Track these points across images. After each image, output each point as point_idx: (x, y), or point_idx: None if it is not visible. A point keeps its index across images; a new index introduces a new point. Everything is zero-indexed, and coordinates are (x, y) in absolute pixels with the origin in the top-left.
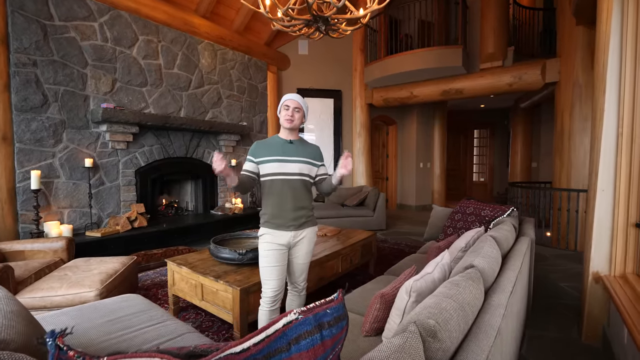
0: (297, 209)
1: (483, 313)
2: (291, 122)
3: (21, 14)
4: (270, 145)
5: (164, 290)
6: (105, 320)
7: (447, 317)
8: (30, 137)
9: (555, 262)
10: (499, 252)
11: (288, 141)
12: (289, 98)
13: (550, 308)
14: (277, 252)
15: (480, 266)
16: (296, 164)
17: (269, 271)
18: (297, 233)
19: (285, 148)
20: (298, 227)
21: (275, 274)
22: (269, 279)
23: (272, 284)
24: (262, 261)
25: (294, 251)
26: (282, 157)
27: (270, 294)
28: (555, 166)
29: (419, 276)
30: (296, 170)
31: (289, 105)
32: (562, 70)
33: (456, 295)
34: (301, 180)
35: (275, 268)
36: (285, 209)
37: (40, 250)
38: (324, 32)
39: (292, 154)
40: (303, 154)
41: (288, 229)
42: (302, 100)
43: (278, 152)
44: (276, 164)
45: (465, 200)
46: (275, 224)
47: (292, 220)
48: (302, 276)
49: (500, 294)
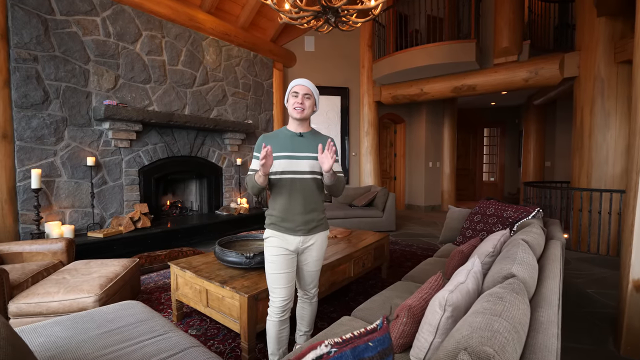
0: (308, 212)
1: (534, 332)
2: (302, 111)
3: (21, 8)
4: (278, 139)
5: (167, 294)
6: (102, 332)
7: (503, 343)
8: (31, 134)
9: (578, 267)
10: (535, 258)
11: (298, 134)
12: (298, 83)
13: (580, 317)
14: (285, 257)
15: (521, 276)
16: (307, 161)
17: (277, 279)
18: (306, 238)
19: (295, 142)
20: (308, 232)
21: (284, 282)
22: (278, 287)
23: (281, 292)
24: (269, 267)
25: (303, 258)
26: (291, 153)
27: (279, 304)
28: (574, 165)
29: (452, 287)
30: (307, 168)
31: (298, 92)
32: (582, 64)
33: (505, 312)
34: (313, 180)
35: (284, 275)
36: (295, 212)
37: (39, 252)
38: (333, 24)
39: (303, 148)
40: (315, 149)
41: (296, 233)
42: (312, 86)
43: (287, 147)
44: (285, 161)
45: (484, 201)
46: (283, 227)
47: (302, 225)
48: (312, 283)
49: (548, 309)
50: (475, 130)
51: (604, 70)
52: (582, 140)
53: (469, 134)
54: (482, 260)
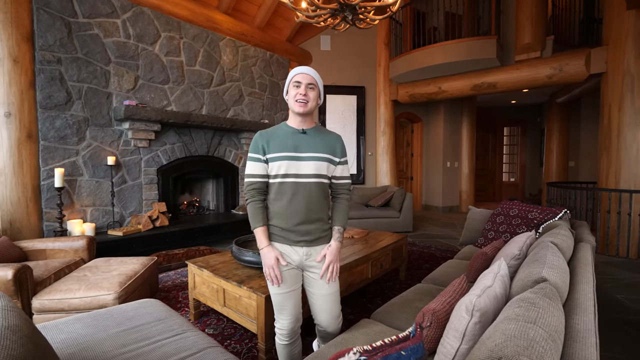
0: (311, 221)
1: (571, 341)
2: (304, 104)
3: (46, 11)
4: (277, 137)
5: (184, 293)
6: (121, 330)
7: (540, 353)
8: (55, 134)
9: (606, 270)
10: (565, 262)
11: (300, 131)
12: (300, 72)
13: (611, 324)
14: (290, 271)
15: (553, 280)
16: (311, 162)
17: (282, 298)
18: (309, 250)
19: (297, 140)
20: (310, 243)
21: (290, 302)
22: (284, 307)
23: (288, 312)
24: (271, 286)
25: (307, 276)
26: (293, 154)
27: (287, 326)
28: (602, 165)
29: (479, 291)
30: (311, 170)
31: (300, 82)
32: (610, 60)
33: (539, 319)
34: (317, 184)
35: (289, 294)
36: (295, 220)
37: (61, 249)
38: (350, 22)
39: (306, 148)
40: (320, 148)
41: (298, 244)
42: (316, 74)
43: (288, 146)
44: (286, 162)
45: (507, 201)
46: (284, 238)
47: (303, 235)
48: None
49: (584, 316)
50: (495, 129)
51: (633, 65)
52: (610, 139)
53: (488, 133)
54: (508, 263)
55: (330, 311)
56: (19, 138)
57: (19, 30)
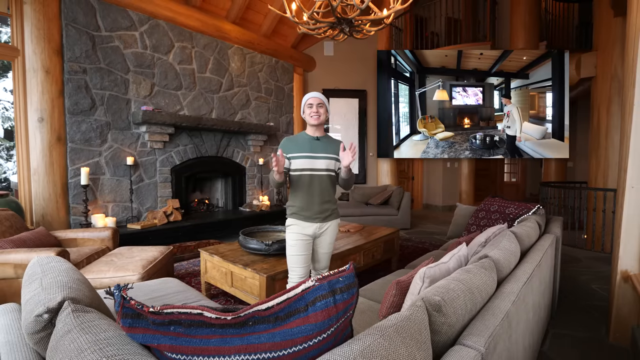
0: (324, 202)
1: (493, 299)
2: (317, 117)
3: (73, 27)
4: (298, 142)
5: (197, 279)
6: (148, 298)
7: (453, 296)
8: (81, 137)
9: (588, 265)
10: (518, 247)
11: (315, 138)
12: (311, 96)
13: (579, 309)
14: (303, 242)
15: (494, 257)
16: (323, 160)
17: (296, 259)
18: (322, 225)
19: (313, 145)
20: (323, 220)
21: (301, 262)
22: (296, 267)
23: (298, 271)
24: (289, 250)
25: (318, 241)
26: (310, 154)
27: (297, 280)
28: (591, 165)
29: (433, 265)
30: (323, 166)
31: (312, 103)
32: (599, 64)
33: (466, 280)
34: (328, 176)
35: (302, 257)
36: (313, 202)
37: (90, 238)
38: (348, 33)
39: (320, 150)
40: (329, 150)
41: (314, 220)
42: (322, 96)
43: (306, 148)
44: (305, 160)
45: (489, 198)
46: (303, 216)
47: (319, 213)
48: (324, 264)
49: (514, 284)
50: None
51: (620, 69)
52: (599, 141)
53: None
54: (475, 250)
55: (325, 261)
56: (50, 141)
57: (50, 45)
